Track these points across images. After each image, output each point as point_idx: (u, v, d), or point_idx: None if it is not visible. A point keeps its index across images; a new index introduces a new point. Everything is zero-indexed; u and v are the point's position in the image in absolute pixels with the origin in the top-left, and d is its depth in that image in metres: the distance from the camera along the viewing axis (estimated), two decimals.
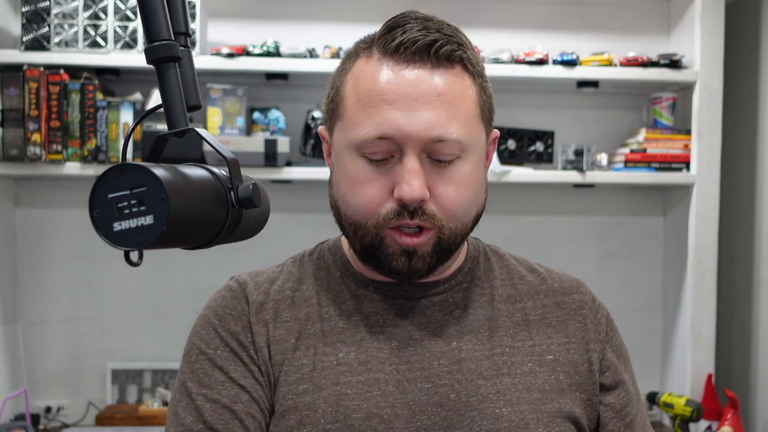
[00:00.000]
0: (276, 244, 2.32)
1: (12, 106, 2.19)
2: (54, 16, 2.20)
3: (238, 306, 0.97)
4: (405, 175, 0.88)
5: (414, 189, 0.88)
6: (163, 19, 0.67)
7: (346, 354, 0.94)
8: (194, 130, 0.68)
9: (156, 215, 0.59)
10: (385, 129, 0.89)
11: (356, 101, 0.92)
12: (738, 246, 2.56)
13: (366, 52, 0.94)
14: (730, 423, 2.23)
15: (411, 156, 0.89)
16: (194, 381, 0.94)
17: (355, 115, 0.91)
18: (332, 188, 0.96)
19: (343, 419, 0.90)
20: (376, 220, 0.91)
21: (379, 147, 0.90)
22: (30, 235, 2.45)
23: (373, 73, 0.91)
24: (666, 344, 2.59)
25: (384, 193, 0.90)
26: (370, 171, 0.91)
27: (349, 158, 0.92)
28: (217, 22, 2.44)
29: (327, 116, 0.98)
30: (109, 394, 2.45)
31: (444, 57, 0.91)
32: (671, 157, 2.41)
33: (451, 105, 0.90)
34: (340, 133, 0.94)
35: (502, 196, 2.52)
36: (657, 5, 2.59)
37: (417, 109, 0.89)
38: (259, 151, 2.23)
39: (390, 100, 0.89)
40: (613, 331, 1.03)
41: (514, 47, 2.42)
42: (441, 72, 0.91)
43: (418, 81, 0.89)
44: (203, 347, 0.95)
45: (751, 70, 2.51)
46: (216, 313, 0.98)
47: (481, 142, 0.95)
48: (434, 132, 0.89)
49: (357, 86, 0.93)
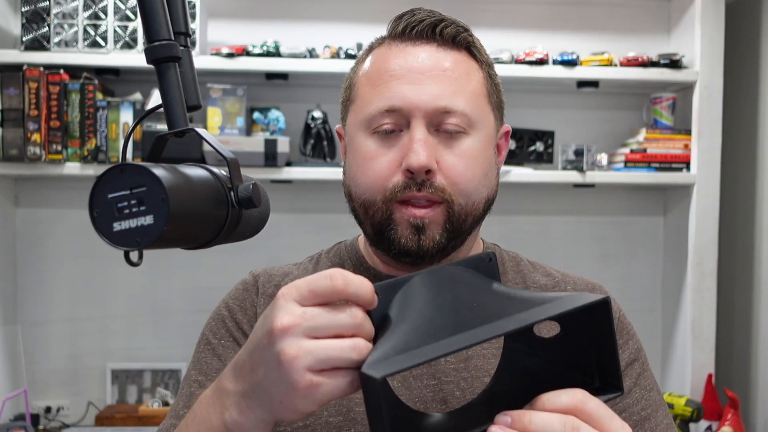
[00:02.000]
0: (276, 244, 2.32)
1: (12, 106, 2.19)
2: (54, 16, 2.20)
3: (248, 298, 1.00)
4: (412, 145, 0.89)
5: (420, 157, 0.88)
6: (163, 19, 0.67)
7: None
8: (194, 130, 0.68)
9: (156, 215, 0.59)
10: (392, 102, 0.91)
11: (367, 82, 0.95)
12: (738, 246, 2.56)
13: (378, 44, 0.98)
14: (730, 423, 2.23)
15: (418, 126, 0.90)
16: (196, 369, 0.98)
17: (366, 95, 0.94)
18: (345, 176, 0.98)
19: (346, 412, 0.90)
20: (384, 195, 0.91)
21: (387, 120, 0.91)
22: (30, 235, 2.45)
23: (383, 56, 0.95)
24: (666, 344, 2.59)
25: (393, 166, 0.91)
26: (380, 147, 0.92)
27: (360, 138, 0.94)
28: (217, 22, 2.44)
29: (342, 108, 1.01)
30: (109, 394, 2.45)
31: (449, 38, 0.94)
32: (671, 157, 2.41)
33: (457, 80, 0.92)
34: (352, 116, 0.96)
35: (502, 196, 2.50)
36: (657, 5, 2.59)
37: (424, 83, 0.91)
38: (259, 151, 2.23)
39: (398, 75, 0.92)
40: (627, 335, 1.00)
41: (514, 47, 2.42)
42: (447, 51, 0.94)
43: (425, 57, 0.93)
44: (210, 338, 0.99)
45: (751, 70, 2.51)
46: (227, 305, 1.01)
47: (490, 124, 0.96)
48: (440, 102, 0.90)
49: (368, 71, 0.95)
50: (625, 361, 0.98)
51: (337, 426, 0.90)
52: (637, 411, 0.95)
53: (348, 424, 0.90)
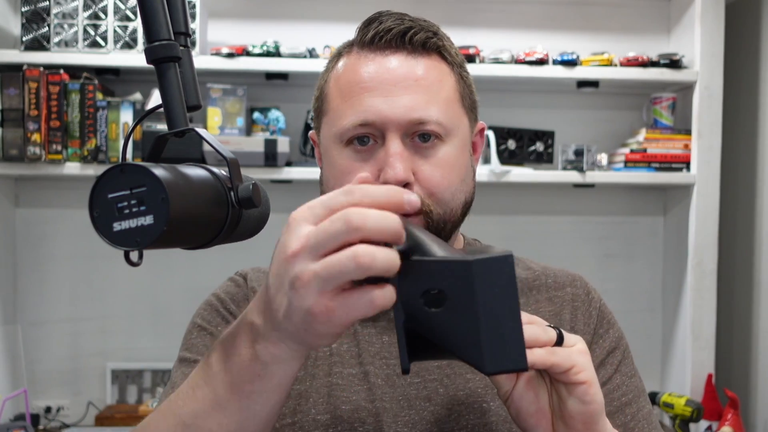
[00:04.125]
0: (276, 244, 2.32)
1: (12, 106, 2.19)
2: (54, 16, 2.20)
3: (239, 292, 1.01)
4: (388, 159, 0.89)
5: (398, 171, 0.88)
6: (163, 19, 0.67)
7: (338, 345, 0.95)
8: (194, 130, 0.68)
9: (156, 215, 0.59)
10: (366, 116, 0.90)
11: (338, 94, 0.94)
12: (738, 246, 2.56)
13: (347, 50, 0.96)
14: (730, 423, 2.23)
15: (393, 140, 0.90)
16: (188, 347, 0.97)
17: (338, 108, 0.93)
18: (322, 186, 0.97)
19: (333, 410, 0.91)
20: None
21: (361, 133, 0.91)
22: (30, 235, 2.45)
23: (353, 66, 0.93)
24: (666, 344, 2.59)
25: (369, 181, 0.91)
26: (355, 160, 0.92)
27: (335, 150, 0.93)
28: (217, 22, 2.44)
29: (315, 117, 1.01)
30: (108, 394, 2.45)
31: (419, 44, 0.93)
32: (671, 157, 2.41)
33: (429, 89, 0.91)
34: (326, 128, 0.96)
35: (502, 196, 2.52)
36: (657, 5, 2.59)
37: (396, 94, 0.90)
38: (259, 151, 2.23)
39: (369, 87, 0.91)
40: (608, 324, 1.01)
41: (514, 47, 2.42)
42: (418, 58, 0.93)
43: (395, 67, 0.91)
44: (204, 325, 0.99)
45: (751, 70, 2.51)
46: (218, 297, 1.01)
47: (465, 128, 0.96)
48: (414, 115, 0.90)
49: (338, 80, 0.94)
50: (606, 349, 0.99)
51: (324, 424, 0.90)
52: (617, 396, 0.96)
53: (335, 421, 0.90)
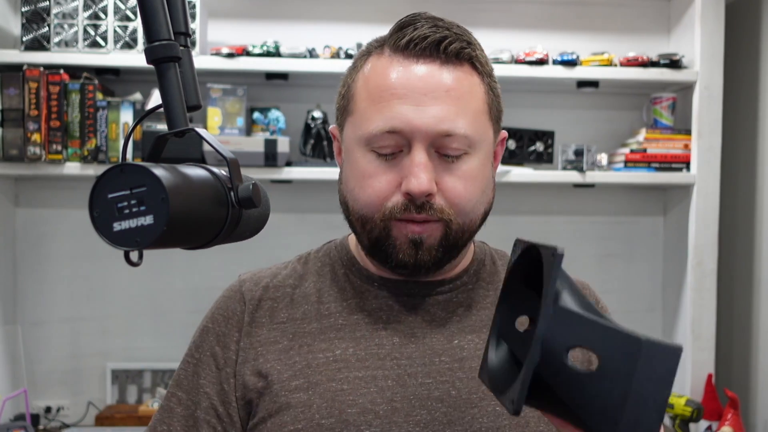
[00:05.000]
0: (276, 244, 2.32)
1: (12, 106, 2.19)
2: (54, 16, 2.20)
3: (231, 307, 1.00)
4: (413, 168, 0.89)
5: (422, 182, 0.88)
6: (163, 19, 0.67)
7: (344, 351, 0.94)
8: (194, 130, 0.68)
9: (156, 215, 0.59)
10: (394, 123, 0.89)
11: (367, 96, 0.93)
12: (738, 246, 2.56)
13: (377, 50, 0.95)
14: (730, 423, 2.23)
15: (419, 150, 0.90)
16: (176, 380, 1.00)
17: (365, 110, 0.92)
18: (341, 184, 0.97)
19: (338, 414, 0.90)
20: (383, 213, 0.91)
21: (388, 141, 0.90)
22: (30, 235, 2.45)
23: (384, 69, 0.92)
24: None
25: (392, 187, 0.91)
26: (379, 165, 0.91)
27: (358, 152, 0.93)
28: (217, 22, 2.44)
29: (338, 114, 0.99)
30: (109, 394, 2.45)
31: (453, 54, 0.92)
32: (671, 157, 2.41)
33: (459, 101, 0.91)
34: (350, 129, 0.95)
35: (502, 196, 2.50)
36: (657, 5, 2.59)
37: (426, 104, 0.90)
38: (259, 151, 2.23)
39: (399, 94, 0.90)
40: None
41: (514, 47, 2.42)
42: (450, 69, 0.92)
43: (427, 76, 0.91)
44: (194, 350, 1.00)
45: (751, 70, 2.51)
46: (212, 316, 1.01)
47: (489, 140, 0.96)
48: (442, 126, 0.89)
49: (368, 82, 0.94)
50: None
51: (329, 428, 0.90)
52: None
53: (341, 425, 0.90)
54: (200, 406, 0.96)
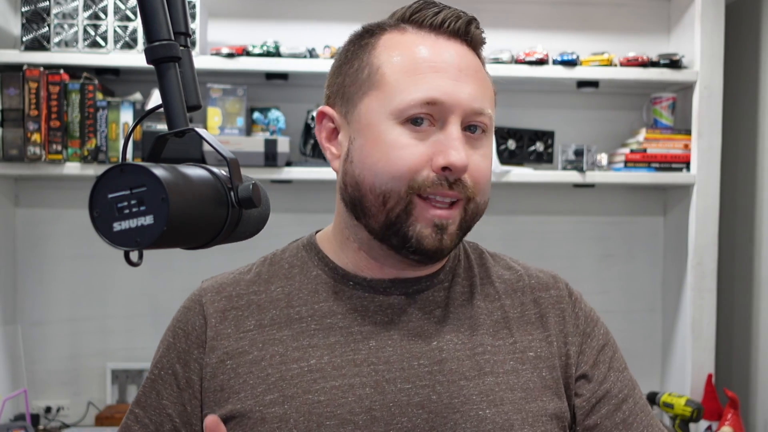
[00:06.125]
0: (276, 244, 2.31)
1: (12, 106, 2.19)
2: (54, 16, 2.20)
3: (191, 320, 0.98)
4: (453, 142, 0.88)
5: (463, 156, 0.88)
6: (163, 19, 0.67)
7: (318, 360, 0.91)
8: (194, 130, 0.68)
9: (156, 215, 0.59)
10: (434, 93, 0.89)
11: (400, 69, 0.90)
12: (738, 246, 2.56)
13: (394, 28, 0.94)
14: (730, 423, 2.23)
15: (455, 124, 0.90)
16: (137, 396, 0.99)
17: (399, 82, 0.90)
18: (351, 164, 0.92)
19: (315, 427, 0.87)
20: (411, 186, 0.88)
21: (424, 110, 0.89)
22: (30, 235, 2.45)
23: (415, 44, 0.92)
24: (666, 344, 2.59)
25: (423, 160, 0.88)
26: (409, 137, 0.89)
27: (384, 126, 0.89)
28: (217, 22, 2.44)
29: (347, 92, 0.94)
30: (109, 394, 2.45)
31: (477, 39, 0.95)
32: (671, 157, 2.41)
33: (483, 83, 0.94)
34: (375, 103, 0.91)
35: (502, 196, 2.52)
36: (657, 5, 2.59)
37: (462, 80, 0.90)
38: (259, 151, 2.23)
39: (438, 68, 0.90)
40: (593, 322, 1.02)
41: (514, 47, 2.42)
42: (472, 52, 0.95)
43: (461, 54, 0.93)
44: (155, 364, 0.99)
45: (751, 70, 2.51)
46: (174, 329, 1.00)
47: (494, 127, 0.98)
48: (476, 104, 0.91)
49: (400, 55, 0.91)
50: (596, 348, 1.00)
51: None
52: (615, 393, 0.97)
53: None
54: (163, 429, 0.94)
